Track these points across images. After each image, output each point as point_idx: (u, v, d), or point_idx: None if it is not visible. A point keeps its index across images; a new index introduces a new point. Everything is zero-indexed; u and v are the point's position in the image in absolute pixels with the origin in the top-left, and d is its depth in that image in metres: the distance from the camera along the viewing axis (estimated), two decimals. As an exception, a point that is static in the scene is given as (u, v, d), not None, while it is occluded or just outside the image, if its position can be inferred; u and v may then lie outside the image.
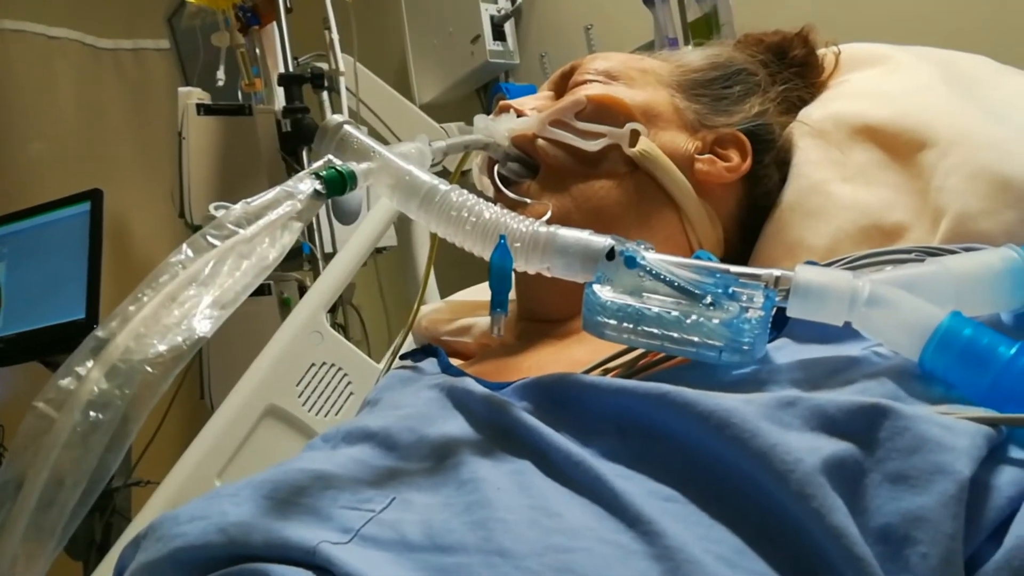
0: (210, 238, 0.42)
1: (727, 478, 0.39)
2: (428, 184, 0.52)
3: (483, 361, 0.70)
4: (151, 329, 0.37)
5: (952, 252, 0.53)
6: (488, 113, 0.71)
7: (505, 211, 0.51)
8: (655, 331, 0.46)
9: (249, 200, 0.45)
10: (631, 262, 0.47)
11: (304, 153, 1.66)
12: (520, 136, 0.67)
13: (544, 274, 0.50)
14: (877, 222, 0.64)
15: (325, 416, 1.18)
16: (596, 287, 0.47)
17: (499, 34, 1.95)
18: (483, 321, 0.77)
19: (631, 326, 0.46)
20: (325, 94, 1.73)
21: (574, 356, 0.59)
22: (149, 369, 0.36)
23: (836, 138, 0.70)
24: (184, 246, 0.42)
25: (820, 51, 0.79)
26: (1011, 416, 0.37)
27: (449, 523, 0.40)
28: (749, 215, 0.71)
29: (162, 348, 0.36)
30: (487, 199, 0.54)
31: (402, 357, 0.76)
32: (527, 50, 1.96)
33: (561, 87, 0.73)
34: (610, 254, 0.48)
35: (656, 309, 0.46)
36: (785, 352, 0.48)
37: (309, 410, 1.12)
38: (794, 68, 0.77)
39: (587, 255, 0.49)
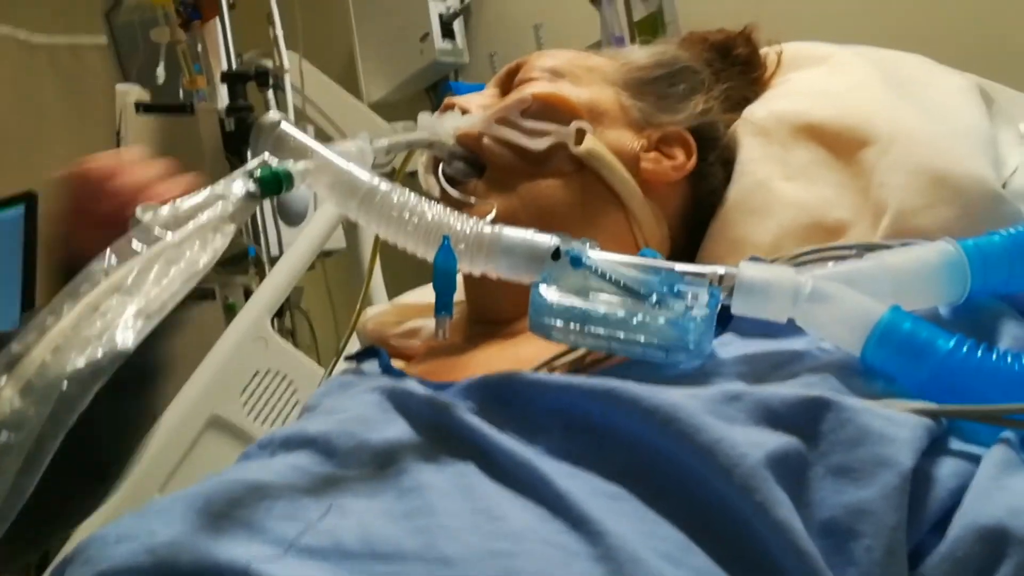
0: (135, 243, 0.40)
1: (672, 474, 0.39)
2: (367, 184, 0.51)
3: (427, 361, 0.69)
4: (69, 342, 0.35)
5: (891, 248, 0.54)
6: (436, 112, 0.70)
7: (448, 211, 0.50)
8: (601, 331, 0.45)
9: (178, 202, 0.43)
10: (576, 262, 0.47)
11: (249, 153, 1.62)
12: (465, 134, 0.66)
13: (490, 275, 0.50)
14: (819, 219, 0.65)
15: (271, 425, 1.15)
16: (542, 288, 0.47)
17: (448, 32, 1.93)
18: (431, 323, 0.76)
19: (578, 327, 0.45)
20: (270, 92, 1.69)
21: (521, 354, 0.58)
22: (66, 385, 0.34)
23: (779, 136, 0.70)
24: (108, 251, 0.40)
25: (763, 50, 0.79)
26: (951, 407, 0.37)
27: (388, 529, 0.39)
28: (694, 213, 0.71)
29: (80, 363, 0.34)
30: (433, 199, 0.53)
31: (347, 358, 0.75)
32: (476, 49, 1.95)
33: (507, 85, 0.72)
34: (555, 254, 0.47)
35: (602, 309, 0.45)
36: (731, 347, 0.48)
37: (254, 420, 1.09)
38: (737, 67, 0.78)
39: (532, 255, 0.48)
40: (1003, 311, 0.46)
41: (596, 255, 0.47)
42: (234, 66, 1.65)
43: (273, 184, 0.49)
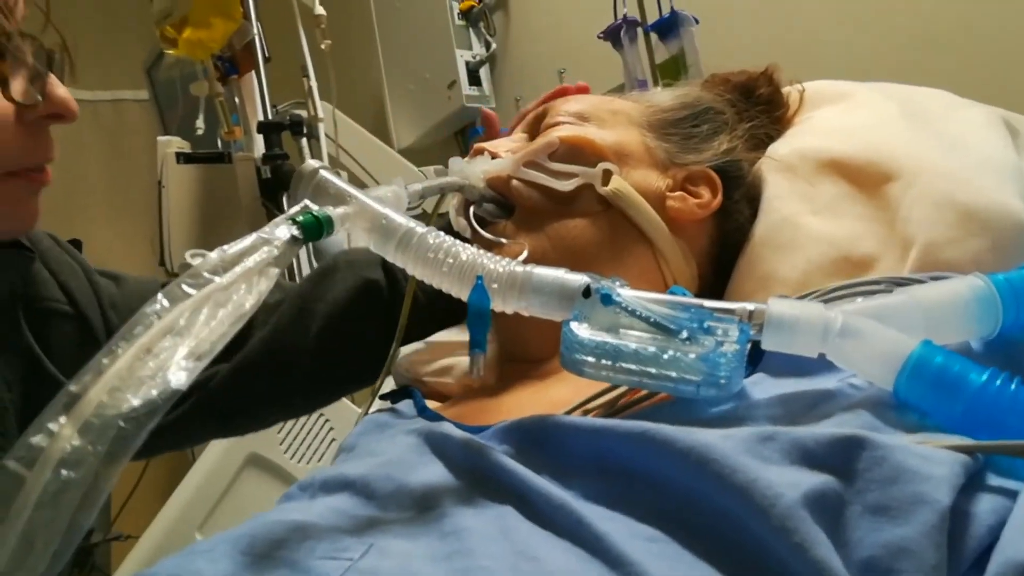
0: (186, 287, 0.42)
1: (709, 515, 0.39)
2: (404, 227, 0.53)
3: (462, 403, 0.70)
4: (125, 383, 0.37)
5: (921, 282, 0.54)
6: (465, 156, 0.72)
7: (481, 252, 0.51)
8: (633, 367, 0.46)
9: (225, 247, 0.45)
10: (607, 299, 0.48)
11: (284, 199, 1.66)
12: (495, 177, 0.68)
13: (522, 313, 0.51)
14: (847, 254, 0.65)
15: (308, 464, 1.16)
16: (573, 325, 0.48)
17: (474, 79, 1.98)
18: (464, 361, 0.77)
19: (609, 363, 0.46)
20: (304, 140, 1.74)
21: (554, 396, 0.59)
22: (123, 424, 0.35)
23: (804, 172, 0.71)
24: (159, 296, 0.42)
25: (785, 89, 0.80)
26: (987, 443, 0.37)
27: (428, 570, 0.40)
28: (722, 250, 0.72)
29: (136, 402, 0.36)
30: (464, 240, 0.54)
31: (382, 398, 0.76)
32: (502, 94, 1.99)
33: (534, 129, 0.74)
34: (586, 292, 0.48)
35: (633, 345, 0.46)
36: (762, 387, 0.48)
37: (291, 458, 1.10)
38: (760, 106, 0.79)
39: (563, 293, 0.49)
40: (1035, 344, 0.46)
41: (626, 293, 0.48)
42: (269, 116, 1.71)
43: (315, 229, 0.50)
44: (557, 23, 1.86)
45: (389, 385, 0.80)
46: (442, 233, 0.53)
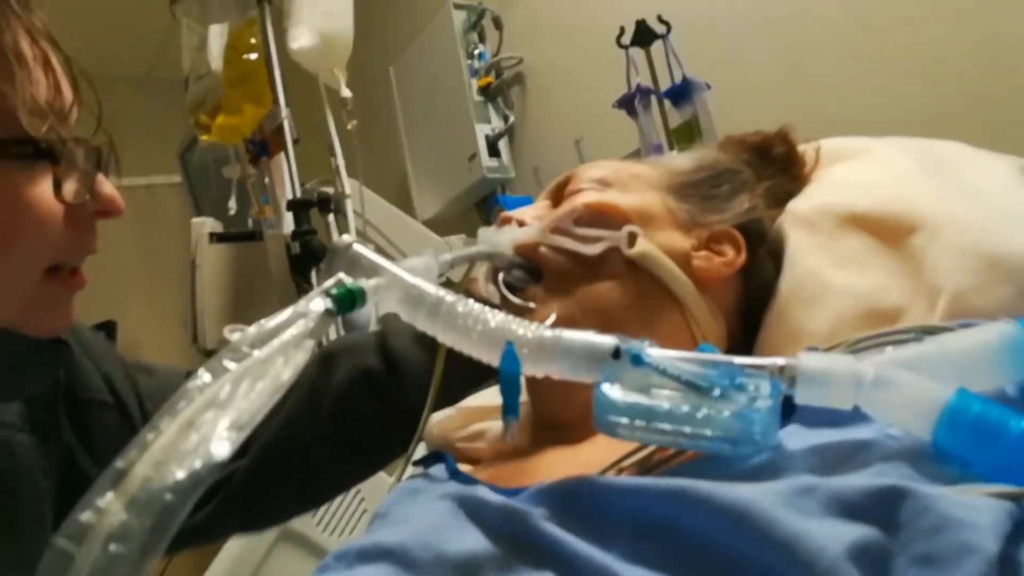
0: (226, 361, 0.44)
1: (752, 572, 0.39)
2: (434, 296, 0.54)
3: (495, 466, 0.69)
4: (169, 456, 0.38)
5: (950, 330, 0.54)
6: (486, 225, 0.74)
7: (509, 317, 0.52)
8: (667, 427, 0.46)
9: (263, 322, 0.47)
10: (637, 360, 0.48)
11: (313, 273, 1.70)
12: (523, 244, 0.70)
13: (552, 376, 0.51)
14: (874, 306, 0.65)
15: (341, 536, 1.15)
16: (605, 386, 0.48)
17: (494, 151, 2.03)
18: (496, 426, 0.77)
19: (643, 423, 0.46)
20: (331, 216, 1.79)
21: (588, 457, 0.59)
22: (169, 497, 0.36)
23: (825, 227, 0.72)
24: (201, 370, 0.43)
25: (800, 147, 0.82)
26: (1029, 489, 0.37)
27: None
28: (749, 307, 0.72)
29: (181, 475, 0.37)
30: (493, 307, 0.55)
31: (414, 463, 0.76)
32: (521, 164, 2.04)
33: (558, 196, 0.76)
34: (615, 353, 0.49)
35: (666, 405, 0.46)
36: (797, 438, 0.48)
37: (323, 530, 1.10)
38: (777, 165, 0.80)
39: (592, 355, 0.50)
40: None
41: (655, 352, 0.49)
42: (298, 194, 1.76)
43: (348, 301, 0.52)
44: (572, 94, 1.91)
45: (420, 452, 0.81)
46: (471, 301, 0.54)
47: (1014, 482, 0.39)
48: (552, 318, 0.62)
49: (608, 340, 0.50)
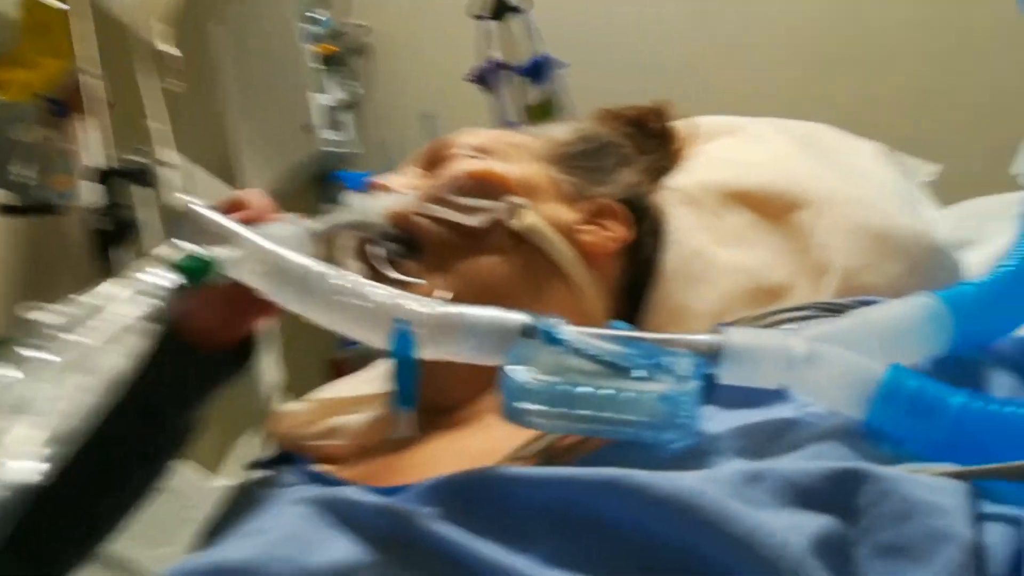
0: (33, 351, 0.33)
1: (698, 569, 0.35)
2: (304, 267, 0.45)
3: (359, 464, 0.61)
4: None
5: (847, 307, 0.53)
6: (325, 203, 0.65)
7: (400, 292, 0.45)
8: (587, 413, 0.41)
9: (81, 298, 0.36)
10: (550, 338, 0.43)
11: (119, 254, 1.50)
12: (398, 214, 0.62)
13: (451, 359, 0.45)
14: (760, 283, 0.64)
15: (162, 549, 1.01)
16: (514, 368, 0.42)
17: (336, 124, 1.91)
18: (354, 420, 0.69)
19: (560, 410, 0.41)
20: (143, 189, 1.59)
21: (478, 448, 0.53)
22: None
23: (708, 204, 0.71)
24: (-1, 362, 0.32)
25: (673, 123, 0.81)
26: (983, 468, 0.35)
27: None
28: (632, 284, 0.69)
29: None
30: None
31: (253, 466, 0.66)
32: (368, 139, 1.94)
33: (431, 164, 0.69)
34: (526, 331, 0.43)
35: (585, 388, 0.41)
36: (717, 420, 0.45)
37: (133, 543, 0.94)
38: (654, 140, 0.79)
39: (500, 334, 0.44)
40: (983, 361, 0.46)
41: (570, 330, 0.43)
42: (105, 163, 1.54)
43: (200, 274, 0.42)
44: (422, 67, 1.84)
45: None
46: (351, 274, 0.46)
47: (953, 460, 0.37)
48: (448, 295, 0.55)
49: (517, 317, 0.44)
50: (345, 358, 1.67)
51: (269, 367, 1.34)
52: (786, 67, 1.30)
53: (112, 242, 1.51)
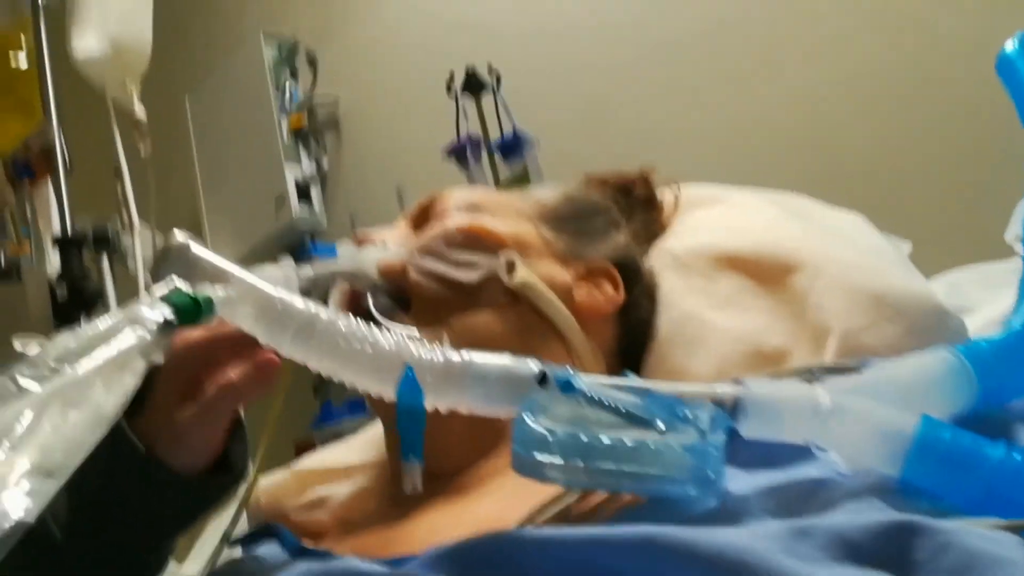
0: (22, 379, 0.30)
1: None
2: (306, 312, 0.43)
3: (350, 537, 0.57)
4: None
5: (853, 369, 0.52)
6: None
7: (406, 337, 0.43)
8: (608, 466, 0.38)
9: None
10: (567, 386, 0.41)
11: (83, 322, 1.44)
12: (389, 267, 0.60)
13: (459, 410, 0.42)
14: (758, 347, 0.63)
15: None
16: (528, 418, 0.40)
17: (305, 196, 1.90)
18: (339, 492, 0.65)
19: (580, 463, 0.38)
20: (106, 259, 1.54)
21: (480, 514, 0.50)
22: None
23: (699, 268, 0.70)
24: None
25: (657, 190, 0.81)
26: (1036, 520, 0.33)
27: None
28: (626, 347, 0.68)
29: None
30: None
31: (236, 542, 0.61)
32: (334, 212, 1.92)
33: (420, 220, 0.68)
34: (541, 379, 0.41)
35: (607, 439, 0.38)
36: (740, 481, 0.42)
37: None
38: (640, 206, 0.79)
39: (512, 382, 0.41)
40: (1006, 418, 0.44)
41: (587, 378, 0.41)
42: (69, 228, 1.49)
43: (192, 312, 0.39)
44: (390, 141, 1.85)
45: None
46: (353, 317, 0.44)
47: (995, 514, 0.35)
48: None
49: (531, 364, 0.42)
50: (312, 441, 1.62)
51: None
52: (758, 142, 1.34)
53: (76, 309, 1.45)
